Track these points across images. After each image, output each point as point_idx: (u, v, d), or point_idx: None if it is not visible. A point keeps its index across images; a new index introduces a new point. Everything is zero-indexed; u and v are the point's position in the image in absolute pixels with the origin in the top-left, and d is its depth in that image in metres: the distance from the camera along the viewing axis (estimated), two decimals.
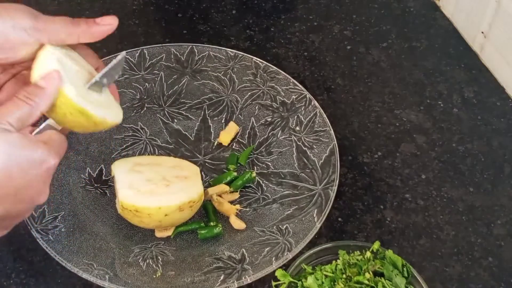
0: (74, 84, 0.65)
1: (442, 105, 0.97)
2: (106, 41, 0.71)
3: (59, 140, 0.64)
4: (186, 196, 0.77)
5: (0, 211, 0.59)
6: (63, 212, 0.79)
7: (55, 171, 0.63)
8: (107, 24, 0.67)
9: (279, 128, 0.89)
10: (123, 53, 0.71)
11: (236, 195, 0.83)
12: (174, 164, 0.82)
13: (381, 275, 0.70)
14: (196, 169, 0.82)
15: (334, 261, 0.71)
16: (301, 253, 0.74)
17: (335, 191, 0.80)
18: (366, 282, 0.68)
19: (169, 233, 0.79)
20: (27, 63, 0.67)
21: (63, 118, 0.66)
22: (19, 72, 0.70)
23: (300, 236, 0.77)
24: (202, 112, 0.92)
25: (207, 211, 0.82)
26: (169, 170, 0.80)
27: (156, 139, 0.89)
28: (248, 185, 0.85)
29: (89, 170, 0.85)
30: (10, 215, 0.61)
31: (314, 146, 0.86)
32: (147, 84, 0.93)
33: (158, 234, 0.79)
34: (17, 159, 0.58)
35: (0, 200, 0.58)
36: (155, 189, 0.77)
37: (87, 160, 0.86)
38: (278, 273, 0.71)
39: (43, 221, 0.77)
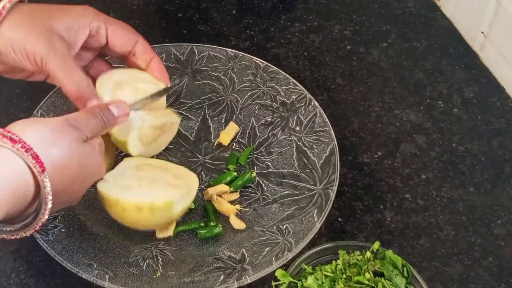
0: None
1: (442, 105, 0.97)
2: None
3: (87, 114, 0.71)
4: (148, 198, 0.74)
5: (66, 183, 0.65)
6: (63, 212, 0.79)
7: None
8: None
9: (279, 128, 0.89)
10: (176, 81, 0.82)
11: (236, 195, 0.83)
12: (181, 174, 0.80)
13: (381, 275, 0.70)
14: (194, 185, 0.79)
15: (334, 261, 0.71)
16: (301, 253, 0.74)
17: (335, 191, 0.80)
18: (366, 282, 0.68)
19: (169, 233, 0.79)
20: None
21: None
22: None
23: (300, 236, 0.76)
24: (202, 112, 0.92)
25: (207, 211, 0.82)
26: (167, 176, 0.78)
27: None
28: (248, 185, 0.85)
29: None
30: (69, 193, 0.67)
31: (314, 146, 0.86)
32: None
33: (159, 235, 0.79)
34: (80, 163, 0.66)
35: (65, 176, 0.64)
36: (132, 187, 0.75)
37: None
38: (278, 273, 0.71)
39: None
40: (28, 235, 0.64)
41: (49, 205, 0.62)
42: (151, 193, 0.74)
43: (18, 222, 0.64)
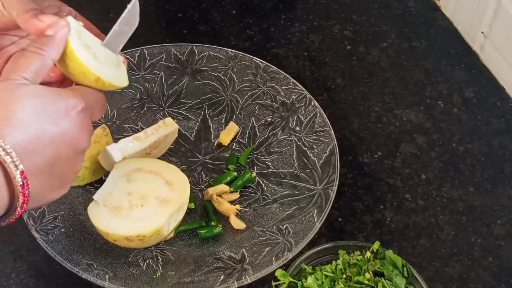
0: (83, 42, 0.65)
1: (442, 105, 0.97)
2: None
3: (87, 88, 0.63)
4: (136, 230, 0.73)
5: (44, 164, 0.57)
6: (63, 212, 0.79)
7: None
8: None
9: (279, 128, 0.89)
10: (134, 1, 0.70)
11: (236, 195, 0.83)
12: (173, 179, 0.78)
13: (381, 275, 0.70)
14: (185, 198, 0.78)
15: (334, 261, 0.71)
16: (301, 253, 0.74)
17: (335, 191, 0.80)
18: (366, 282, 0.68)
19: (171, 234, 0.79)
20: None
21: (70, 72, 0.64)
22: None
23: (300, 236, 0.76)
24: (202, 112, 0.92)
25: (207, 211, 0.82)
26: (158, 186, 0.77)
27: None
28: (248, 185, 0.85)
29: None
30: (58, 169, 0.58)
31: (314, 146, 0.86)
32: (147, 84, 0.93)
33: None
34: (43, 109, 0.56)
35: (39, 151, 0.56)
36: (121, 209, 0.75)
37: None
38: (278, 273, 0.71)
39: (43, 221, 0.77)
40: (3, 224, 0.58)
41: (21, 199, 0.55)
42: (140, 220, 0.74)
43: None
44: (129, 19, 0.71)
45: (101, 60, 0.66)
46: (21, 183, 0.54)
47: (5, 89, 0.55)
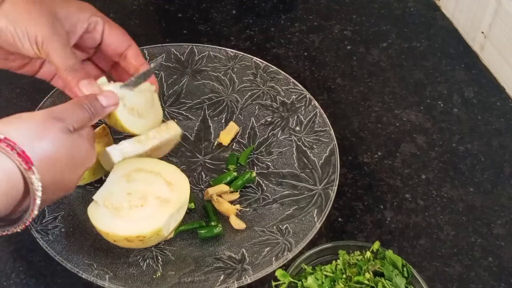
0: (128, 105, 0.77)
1: (442, 105, 0.97)
2: None
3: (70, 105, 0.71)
4: (136, 230, 0.73)
5: (56, 178, 0.65)
6: (63, 212, 0.79)
7: None
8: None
9: (279, 128, 0.89)
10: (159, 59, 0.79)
11: (236, 195, 0.83)
12: (173, 179, 0.78)
13: (381, 275, 0.70)
14: (185, 198, 0.77)
15: (334, 261, 0.71)
16: (301, 253, 0.74)
17: (335, 191, 0.80)
18: (366, 282, 0.68)
19: (171, 235, 0.79)
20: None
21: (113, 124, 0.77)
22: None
23: (300, 236, 0.76)
24: (202, 112, 0.92)
25: (207, 211, 0.82)
26: (159, 186, 0.77)
27: None
28: (248, 185, 0.85)
29: None
30: (62, 183, 0.67)
31: (314, 146, 0.86)
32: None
33: None
34: (73, 154, 0.66)
35: (58, 164, 0.65)
36: (120, 209, 0.74)
37: None
38: (278, 273, 0.71)
39: (43, 221, 0.77)
40: (19, 230, 0.63)
41: (38, 201, 0.62)
42: (140, 220, 0.74)
43: (8, 218, 0.63)
44: (147, 75, 0.81)
45: (142, 113, 0.79)
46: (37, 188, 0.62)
47: (60, 131, 0.65)
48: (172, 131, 0.84)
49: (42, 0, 0.73)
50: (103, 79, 0.77)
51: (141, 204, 0.75)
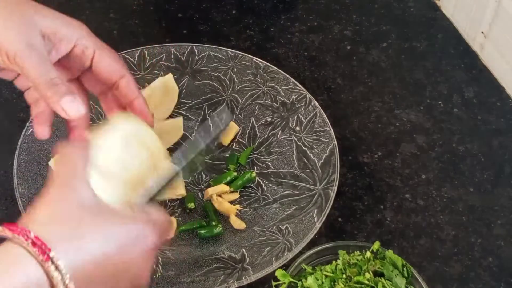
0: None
1: (442, 105, 0.97)
2: (106, 41, 0.70)
3: (163, 219, 0.58)
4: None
5: None
6: None
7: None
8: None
9: (279, 128, 0.89)
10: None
11: (236, 195, 0.83)
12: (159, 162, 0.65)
13: (381, 275, 0.70)
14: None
15: (334, 261, 0.71)
16: (301, 253, 0.74)
17: (335, 191, 0.80)
18: (366, 282, 0.68)
19: (171, 235, 0.79)
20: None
21: None
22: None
23: (300, 236, 0.76)
24: (202, 112, 0.92)
25: (207, 211, 0.82)
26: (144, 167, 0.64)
27: None
28: (248, 185, 0.85)
29: None
30: None
31: (314, 146, 0.86)
32: (147, 84, 0.93)
33: None
34: (114, 237, 0.52)
35: (98, 283, 0.51)
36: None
37: None
38: (278, 273, 0.71)
39: None
40: None
41: None
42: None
43: None
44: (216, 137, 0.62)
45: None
46: None
47: (79, 204, 0.52)
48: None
49: (21, 8, 0.63)
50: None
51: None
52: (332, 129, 0.86)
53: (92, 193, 0.53)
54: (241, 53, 0.95)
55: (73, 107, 0.60)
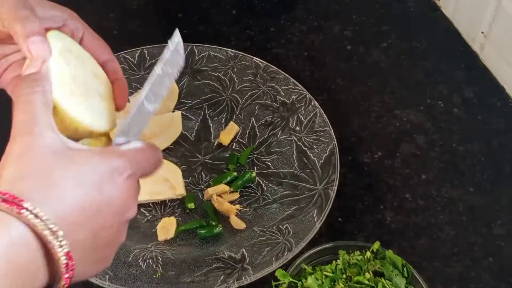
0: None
1: (442, 105, 0.97)
2: (106, 41, 0.70)
3: (138, 146, 0.56)
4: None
5: (87, 237, 0.50)
6: None
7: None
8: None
9: (279, 128, 0.89)
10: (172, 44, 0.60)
11: (236, 195, 0.83)
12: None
13: (381, 275, 0.70)
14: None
15: (334, 261, 0.71)
16: (301, 253, 0.74)
17: (335, 191, 0.80)
18: (366, 282, 0.68)
19: (171, 235, 0.79)
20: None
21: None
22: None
23: (300, 236, 0.76)
24: (202, 112, 0.92)
25: (207, 211, 0.82)
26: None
27: None
28: (248, 185, 0.85)
29: None
30: (102, 240, 0.52)
31: (314, 146, 0.86)
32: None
33: (161, 237, 0.79)
34: (88, 176, 0.50)
35: (84, 224, 0.49)
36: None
37: None
38: (278, 273, 0.71)
39: None
40: None
41: (63, 281, 0.48)
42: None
43: None
44: (173, 59, 0.60)
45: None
46: (65, 263, 0.47)
47: (45, 153, 0.49)
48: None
49: None
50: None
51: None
52: (332, 129, 0.86)
53: (57, 136, 0.51)
54: (241, 53, 0.95)
55: (38, 48, 0.55)
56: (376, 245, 0.72)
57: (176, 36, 0.61)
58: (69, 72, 0.58)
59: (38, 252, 0.46)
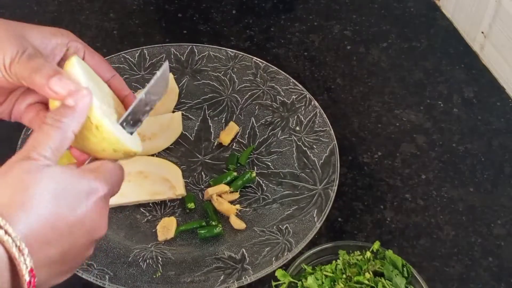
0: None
1: (442, 105, 0.97)
2: (106, 41, 0.71)
3: (110, 167, 0.57)
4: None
5: (57, 254, 0.52)
6: None
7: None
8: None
9: (279, 128, 0.89)
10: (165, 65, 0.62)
11: (236, 195, 0.83)
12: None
13: (381, 275, 0.70)
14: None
15: (334, 261, 0.71)
16: (301, 253, 0.74)
17: (335, 191, 0.80)
18: (366, 282, 0.68)
19: (171, 235, 0.79)
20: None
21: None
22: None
23: (300, 236, 0.76)
24: (202, 112, 0.92)
25: (207, 211, 0.82)
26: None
27: None
28: (248, 185, 0.85)
29: None
30: (70, 257, 0.54)
31: (314, 146, 0.86)
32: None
33: (161, 237, 0.79)
34: (63, 195, 0.52)
35: (55, 241, 0.51)
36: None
37: None
38: (278, 273, 0.71)
39: None
40: None
41: None
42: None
43: None
44: (157, 88, 0.62)
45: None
46: (28, 281, 0.49)
47: (26, 171, 0.51)
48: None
49: (10, 25, 0.61)
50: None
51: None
52: (332, 129, 0.86)
53: (49, 161, 0.53)
54: (241, 53, 0.95)
55: (62, 84, 0.56)
56: (376, 245, 0.72)
57: (164, 64, 0.63)
58: (99, 94, 0.59)
59: (6, 264, 0.48)
